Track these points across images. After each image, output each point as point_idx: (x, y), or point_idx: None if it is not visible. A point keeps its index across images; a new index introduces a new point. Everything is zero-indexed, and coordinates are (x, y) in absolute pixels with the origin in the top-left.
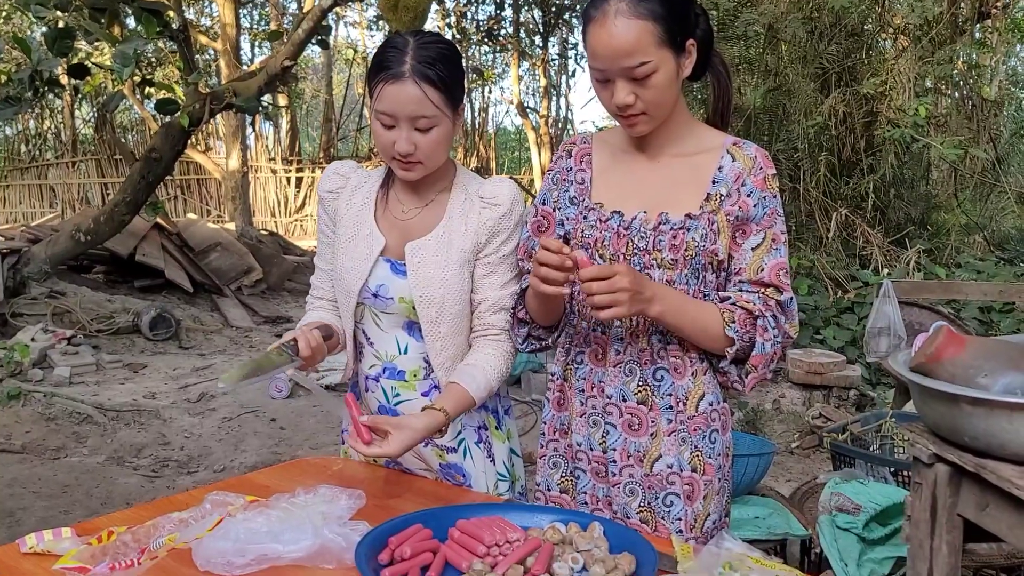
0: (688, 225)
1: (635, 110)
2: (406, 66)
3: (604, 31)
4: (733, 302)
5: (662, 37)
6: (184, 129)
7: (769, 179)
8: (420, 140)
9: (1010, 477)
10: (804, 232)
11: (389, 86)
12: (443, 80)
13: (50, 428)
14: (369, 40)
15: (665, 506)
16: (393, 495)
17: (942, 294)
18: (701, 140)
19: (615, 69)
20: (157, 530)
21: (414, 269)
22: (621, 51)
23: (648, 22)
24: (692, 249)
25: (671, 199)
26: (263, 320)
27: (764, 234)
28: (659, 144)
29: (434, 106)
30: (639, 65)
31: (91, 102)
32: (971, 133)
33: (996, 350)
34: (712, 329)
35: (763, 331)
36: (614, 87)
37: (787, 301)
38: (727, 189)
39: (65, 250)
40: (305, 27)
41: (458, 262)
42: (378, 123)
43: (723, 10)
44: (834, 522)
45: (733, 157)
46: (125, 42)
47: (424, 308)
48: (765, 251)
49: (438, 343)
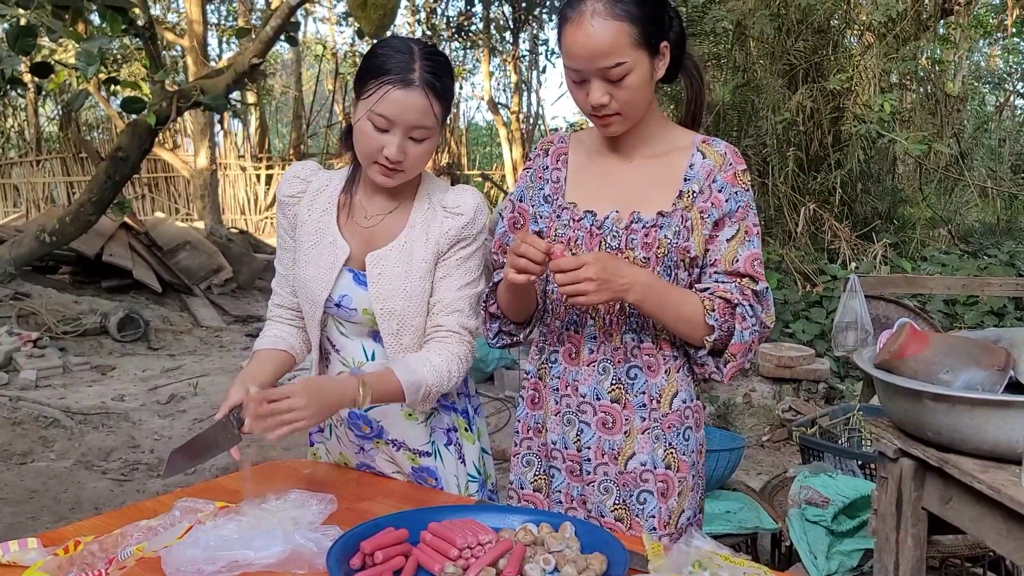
0: (660, 223)
1: (609, 110)
2: (415, 74)
3: (581, 31)
4: (711, 292)
5: (637, 38)
6: (151, 128)
7: (739, 174)
8: (411, 149)
9: (972, 471)
10: (773, 227)
11: (396, 91)
12: (446, 94)
13: (16, 433)
14: (339, 36)
15: (639, 503)
16: (364, 498)
17: (907, 288)
18: (672, 140)
19: (591, 69)
20: (125, 539)
21: (374, 280)
22: (598, 51)
23: (624, 23)
24: (664, 246)
25: (643, 198)
26: (233, 319)
27: (738, 226)
28: (632, 144)
29: (434, 118)
30: (615, 66)
31: (55, 99)
32: (935, 128)
33: (957, 347)
34: (693, 317)
35: (742, 319)
36: (589, 87)
37: (763, 291)
38: (699, 186)
39: (30, 251)
40: (273, 24)
41: (419, 273)
42: (370, 124)
43: (692, 6)
44: (803, 515)
45: (704, 155)
46: (89, 40)
47: (385, 321)
48: (739, 243)
49: (400, 355)
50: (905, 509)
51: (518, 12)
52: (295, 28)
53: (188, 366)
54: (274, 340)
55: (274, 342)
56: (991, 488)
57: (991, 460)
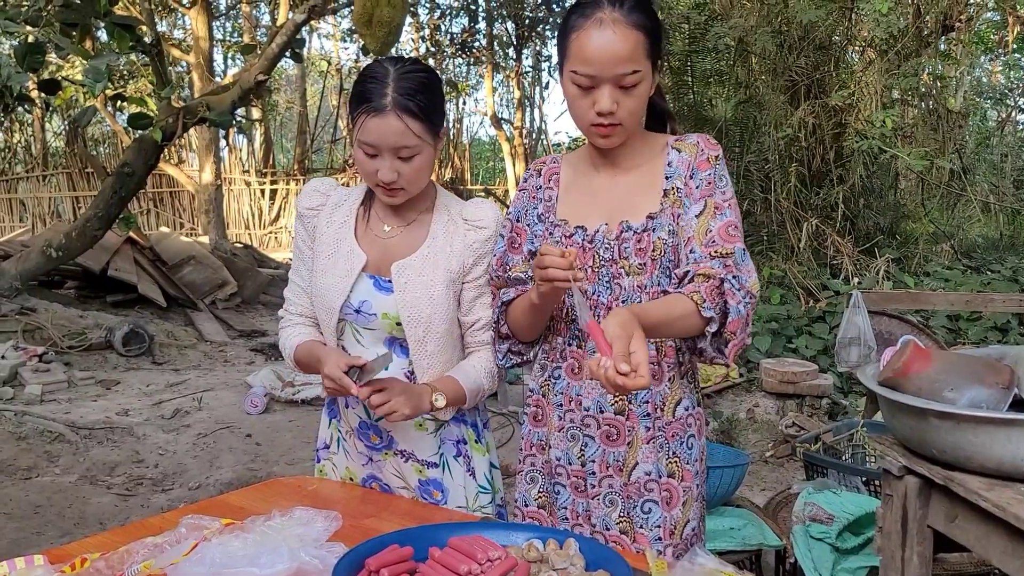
0: (651, 225)
1: (615, 119)
2: (387, 99)
3: (602, 36)
4: (693, 275)
5: (649, 49)
6: (157, 143)
7: (712, 159)
8: (403, 168)
9: (977, 489)
10: (776, 242)
11: (371, 119)
12: (424, 110)
13: (21, 447)
14: (343, 52)
15: (643, 513)
16: (369, 515)
17: (911, 304)
18: (649, 146)
19: (607, 75)
20: (131, 556)
21: (401, 288)
22: (619, 57)
23: (641, 33)
24: (660, 248)
25: (629, 207)
26: (238, 334)
27: (704, 202)
28: (615, 159)
29: (415, 136)
30: (631, 73)
31: (62, 115)
32: (937, 144)
33: (961, 364)
34: (689, 321)
35: (732, 294)
36: (598, 94)
37: (739, 253)
38: (681, 181)
39: (36, 266)
40: (279, 41)
41: (444, 282)
42: (361, 152)
43: (694, 24)
44: (808, 532)
45: (679, 150)
46: (97, 57)
47: (411, 327)
48: (709, 217)
49: (425, 361)
50: (910, 527)
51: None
52: (300, 45)
53: (192, 381)
54: (310, 335)
55: (313, 336)
56: (996, 506)
57: (996, 478)
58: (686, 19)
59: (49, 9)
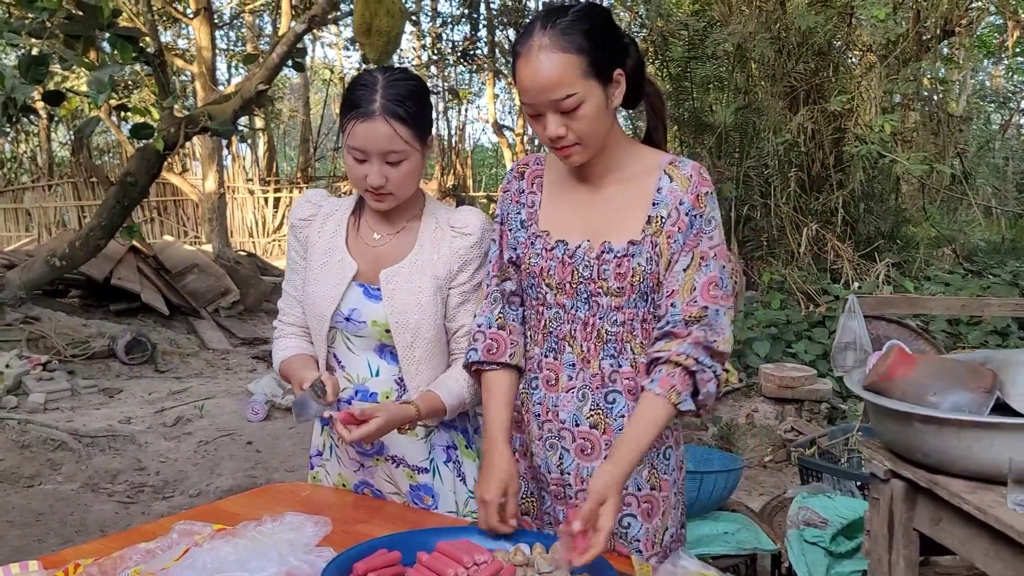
0: (632, 251)
1: (567, 141)
2: (376, 104)
3: (529, 66)
4: (666, 360)
5: (587, 69)
6: (159, 153)
7: (702, 196)
8: (391, 173)
9: (960, 492)
10: (776, 247)
11: (360, 124)
12: (411, 116)
13: (24, 456)
14: (346, 60)
15: (623, 527)
16: (360, 520)
17: (907, 308)
18: (640, 161)
19: (543, 102)
20: (124, 561)
21: (389, 295)
22: (547, 85)
23: (572, 55)
24: (639, 274)
25: (613, 227)
26: (240, 342)
27: (691, 254)
28: (600, 172)
29: (403, 141)
30: (565, 98)
31: (67, 125)
32: (937, 148)
33: (945, 369)
34: (668, 420)
35: (703, 382)
36: (545, 120)
37: (713, 313)
38: (667, 211)
39: (40, 275)
40: (279, 51)
41: (431, 288)
42: (351, 157)
43: (692, 30)
44: (802, 536)
45: (671, 178)
46: (100, 68)
47: (400, 333)
48: (695, 270)
49: (413, 367)
50: (897, 530)
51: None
52: (301, 55)
53: (194, 388)
54: (299, 348)
55: (302, 348)
56: (978, 509)
57: (979, 481)
58: (685, 26)
59: (53, 21)
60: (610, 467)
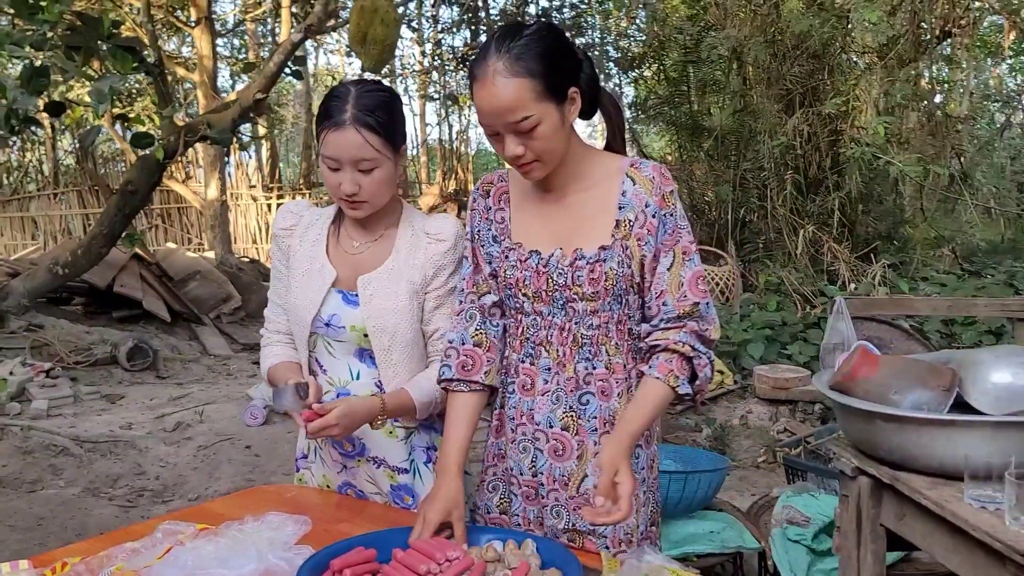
0: (603, 256)
1: (526, 159)
2: (347, 114)
3: (485, 90)
4: (664, 348)
5: (541, 91)
6: (159, 162)
7: (667, 196)
8: (363, 181)
9: (920, 488)
10: (773, 249)
11: (332, 133)
12: (382, 125)
13: (27, 461)
14: (348, 67)
15: (592, 524)
16: (343, 520)
17: (893, 309)
18: (602, 167)
19: (500, 124)
20: (110, 560)
21: (366, 301)
22: (503, 108)
23: (525, 79)
24: (612, 278)
25: (583, 234)
26: (241, 348)
27: (672, 252)
28: (562, 182)
29: (374, 149)
30: (521, 120)
31: (72, 133)
32: (935, 149)
33: (906, 369)
34: (666, 402)
35: (700, 366)
36: (504, 140)
37: (704, 307)
38: (634, 214)
39: (43, 283)
40: (276, 60)
41: (407, 293)
42: (325, 167)
43: (687, 35)
44: (785, 534)
45: (633, 180)
46: (101, 79)
47: (377, 337)
48: (679, 266)
49: (391, 370)
50: (864, 526)
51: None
52: (300, 63)
53: (195, 394)
54: (286, 355)
55: (289, 356)
56: (936, 504)
57: (940, 477)
58: (680, 31)
59: (54, 33)
60: (614, 440)
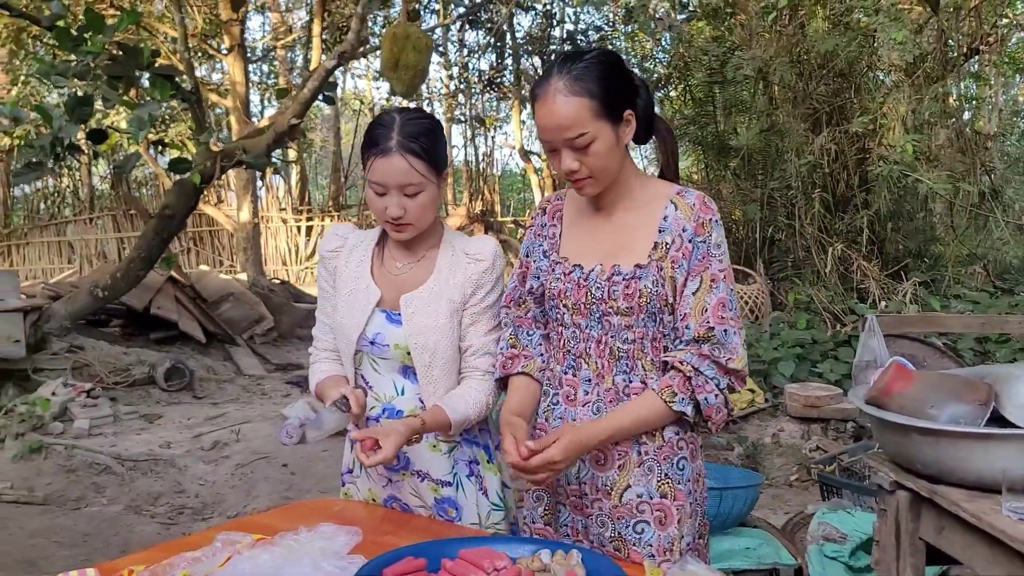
0: (639, 274)
1: (581, 175)
2: (392, 141)
3: (546, 108)
4: (671, 366)
5: (598, 111)
6: (196, 186)
7: (705, 223)
8: (409, 204)
9: (959, 501)
10: (802, 268)
11: (379, 160)
12: (425, 151)
13: (71, 479)
14: (375, 91)
15: (636, 533)
16: (388, 532)
17: (924, 327)
18: (650, 191)
19: (558, 140)
20: (173, 568)
21: (408, 319)
22: (561, 125)
23: (584, 98)
24: (646, 296)
25: (622, 251)
26: (275, 368)
27: (700, 278)
28: (611, 200)
29: (419, 174)
30: (578, 136)
31: (107, 159)
32: (965, 166)
33: (942, 383)
34: (656, 419)
35: (699, 388)
36: (561, 155)
37: (721, 333)
38: (671, 237)
39: (84, 306)
40: (311, 86)
41: (447, 312)
42: (371, 191)
43: (713, 56)
44: (822, 551)
45: (676, 206)
46: (140, 107)
47: (419, 354)
48: (705, 292)
49: (431, 385)
50: (903, 539)
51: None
52: (332, 88)
53: (231, 413)
54: (332, 370)
55: (335, 370)
56: (974, 516)
57: (977, 490)
58: (705, 52)
59: (97, 63)
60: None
